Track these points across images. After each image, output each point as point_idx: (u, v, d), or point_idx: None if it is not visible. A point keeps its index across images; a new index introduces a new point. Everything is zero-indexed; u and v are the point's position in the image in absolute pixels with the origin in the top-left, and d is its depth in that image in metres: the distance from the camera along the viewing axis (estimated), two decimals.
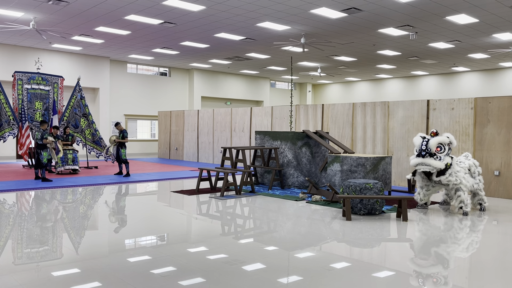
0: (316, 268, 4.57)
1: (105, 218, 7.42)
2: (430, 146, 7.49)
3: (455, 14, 12.41)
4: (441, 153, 7.46)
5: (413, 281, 4.24)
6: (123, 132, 12.52)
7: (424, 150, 7.50)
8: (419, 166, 7.55)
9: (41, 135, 11.29)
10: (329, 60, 20.70)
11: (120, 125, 12.75)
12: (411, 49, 17.58)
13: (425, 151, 7.49)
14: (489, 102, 9.87)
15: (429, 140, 7.55)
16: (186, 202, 8.79)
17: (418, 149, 7.61)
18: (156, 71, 23.14)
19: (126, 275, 4.29)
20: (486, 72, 23.09)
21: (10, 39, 16.45)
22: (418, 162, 7.55)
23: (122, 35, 15.52)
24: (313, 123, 13.53)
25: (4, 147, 17.98)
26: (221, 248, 5.35)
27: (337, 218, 7.23)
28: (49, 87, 14.45)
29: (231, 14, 12.70)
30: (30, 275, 4.30)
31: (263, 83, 27.33)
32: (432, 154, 7.46)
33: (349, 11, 12.13)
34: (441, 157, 7.45)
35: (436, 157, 7.45)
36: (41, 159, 11.19)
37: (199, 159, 18.19)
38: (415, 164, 7.60)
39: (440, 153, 7.46)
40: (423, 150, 7.52)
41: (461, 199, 7.55)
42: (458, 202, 7.58)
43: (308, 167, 10.58)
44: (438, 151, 7.46)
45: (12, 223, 6.67)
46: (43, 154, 11.20)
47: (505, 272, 4.63)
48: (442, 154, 7.46)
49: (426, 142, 7.55)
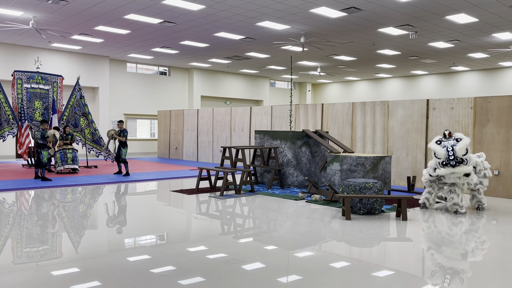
0: (315, 268, 4.57)
1: (105, 218, 7.42)
2: (457, 154, 7.32)
3: (455, 14, 12.41)
4: (466, 156, 7.40)
5: (413, 281, 4.24)
6: (123, 131, 12.53)
7: (453, 159, 7.32)
8: (453, 176, 7.38)
9: (41, 135, 11.29)
10: (328, 60, 20.69)
11: (121, 124, 12.75)
12: (410, 48, 17.58)
13: (454, 159, 7.32)
14: (489, 101, 9.87)
15: (454, 147, 7.39)
16: (185, 202, 8.79)
17: (445, 159, 7.38)
18: (155, 71, 23.13)
19: (126, 275, 4.29)
20: (485, 72, 23.10)
21: (9, 38, 16.43)
22: (450, 172, 7.36)
23: (122, 34, 15.51)
24: (312, 123, 13.53)
25: (3, 147, 17.97)
26: (220, 247, 5.35)
27: (337, 218, 7.23)
28: (49, 86, 14.44)
29: (231, 14, 12.70)
30: (30, 274, 4.30)
31: (262, 83, 27.33)
32: (460, 161, 7.32)
33: (348, 10, 12.13)
34: (467, 160, 7.37)
35: (464, 162, 7.35)
36: (42, 158, 11.18)
37: (199, 158, 18.19)
38: (448, 173, 7.38)
39: (464, 156, 7.40)
40: (451, 159, 7.33)
41: (455, 201, 7.57)
42: (453, 204, 7.60)
43: (307, 167, 10.58)
44: (463, 155, 7.41)
45: (12, 223, 6.67)
46: (43, 153, 11.20)
47: (504, 271, 4.64)
48: (467, 157, 7.40)
49: (452, 150, 7.36)
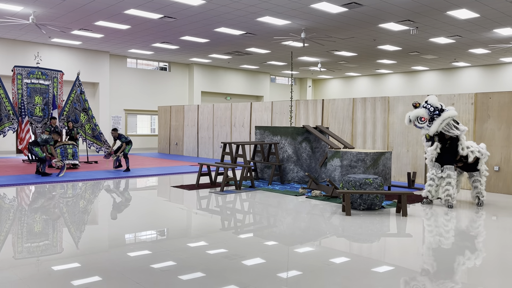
0: (315, 263, 4.58)
1: (105, 213, 7.44)
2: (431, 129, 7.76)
3: (456, 9, 12.37)
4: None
5: (412, 276, 4.25)
6: (120, 137, 12.58)
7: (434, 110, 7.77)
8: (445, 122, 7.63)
9: (45, 140, 11.34)
10: (329, 55, 20.65)
11: (115, 132, 12.73)
12: (411, 44, 17.54)
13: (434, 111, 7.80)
14: (490, 97, 9.85)
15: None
16: (186, 197, 8.80)
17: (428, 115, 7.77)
18: (156, 66, 23.10)
19: (126, 270, 4.30)
20: (486, 68, 23.05)
21: (9, 33, 16.40)
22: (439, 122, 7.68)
23: (122, 29, 15.48)
24: (313, 118, 13.52)
25: (4, 142, 17.97)
26: (221, 243, 5.36)
27: (337, 213, 7.24)
28: (49, 81, 14.43)
29: (231, 9, 12.66)
30: (31, 269, 4.31)
31: (263, 78, 27.29)
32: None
33: (349, 5, 12.09)
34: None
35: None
36: (37, 154, 11.23)
37: (199, 154, 18.20)
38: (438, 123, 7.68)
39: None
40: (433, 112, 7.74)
41: (449, 193, 7.63)
42: (446, 195, 7.69)
43: (308, 162, 10.58)
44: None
45: (12, 218, 6.68)
46: (35, 149, 11.22)
47: (504, 267, 4.65)
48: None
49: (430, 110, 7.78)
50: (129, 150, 12.60)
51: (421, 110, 7.77)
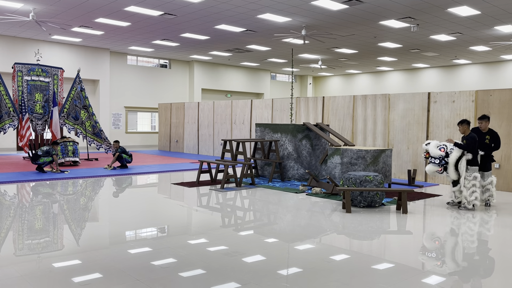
0: (315, 260, 4.58)
1: (106, 210, 7.45)
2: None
3: (457, 6, 12.34)
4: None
5: (412, 273, 4.25)
6: (121, 148, 12.63)
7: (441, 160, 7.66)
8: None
9: (46, 151, 11.31)
10: (330, 52, 20.62)
11: (117, 143, 12.82)
12: (412, 41, 17.50)
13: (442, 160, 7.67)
14: (490, 95, 9.84)
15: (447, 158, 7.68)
16: (186, 194, 8.80)
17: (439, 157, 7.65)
18: (156, 63, 23.07)
19: (127, 267, 4.30)
20: (487, 65, 23.01)
21: (9, 30, 16.38)
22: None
23: (122, 26, 15.45)
24: (313, 116, 13.51)
25: (4, 139, 17.98)
26: (221, 240, 5.37)
27: (337, 211, 7.24)
28: (49, 78, 14.42)
29: (232, 6, 12.63)
30: (31, 266, 4.32)
31: (263, 76, 27.26)
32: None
33: (350, 2, 12.06)
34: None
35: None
36: (44, 163, 11.23)
37: (199, 151, 18.20)
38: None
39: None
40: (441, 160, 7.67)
41: (464, 194, 7.48)
42: (464, 198, 7.49)
43: (308, 160, 10.58)
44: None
45: (13, 215, 6.69)
46: (40, 160, 11.20)
47: (504, 264, 4.65)
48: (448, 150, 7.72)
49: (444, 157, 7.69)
50: (128, 158, 12.65)
51: (433, 167, 7.62)
